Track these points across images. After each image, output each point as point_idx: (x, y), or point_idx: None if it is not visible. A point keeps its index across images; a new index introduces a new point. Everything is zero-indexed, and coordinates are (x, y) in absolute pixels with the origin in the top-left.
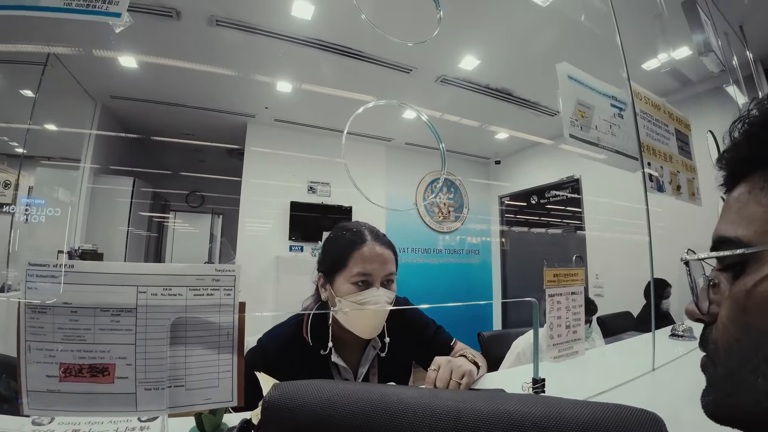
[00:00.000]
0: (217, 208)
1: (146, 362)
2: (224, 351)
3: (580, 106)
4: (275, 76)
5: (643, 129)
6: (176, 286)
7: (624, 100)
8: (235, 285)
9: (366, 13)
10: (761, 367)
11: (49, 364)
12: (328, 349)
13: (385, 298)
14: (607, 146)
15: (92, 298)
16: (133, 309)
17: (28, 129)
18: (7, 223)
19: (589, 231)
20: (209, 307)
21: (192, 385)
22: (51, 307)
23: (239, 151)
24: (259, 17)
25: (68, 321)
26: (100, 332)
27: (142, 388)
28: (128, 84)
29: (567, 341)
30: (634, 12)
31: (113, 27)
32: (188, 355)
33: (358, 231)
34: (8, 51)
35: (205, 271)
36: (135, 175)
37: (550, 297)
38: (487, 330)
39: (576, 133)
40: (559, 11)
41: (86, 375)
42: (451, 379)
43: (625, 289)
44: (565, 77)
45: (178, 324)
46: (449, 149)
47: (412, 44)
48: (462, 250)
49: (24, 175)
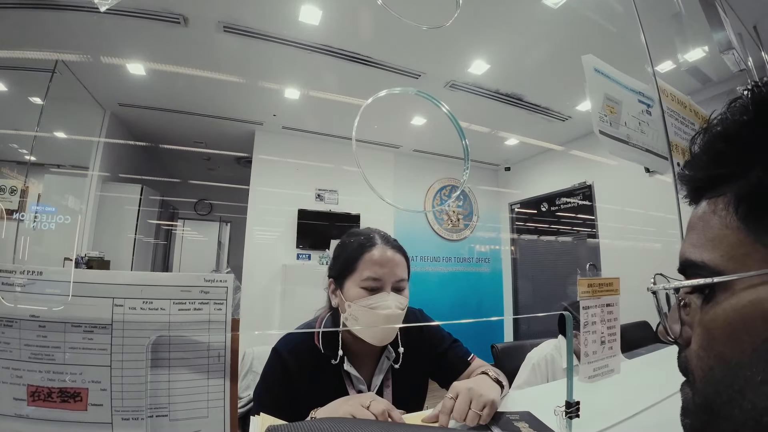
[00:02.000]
0: (225, 216)
1: (123, 387)
2: (214, 375)
3: (608, 101)
4: (283, 82)
5: (671, 127)
6: (158, 299)
7: (651, 96)
8: (227, 298)
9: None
10: (736, 398)
11: (16, 385)
12: (338, 358)
13: (395, 304)
14: (637, 144)
15: (62, 311)
16: (108, 325)
17: (36, 136)
18: (13, 230)
19: (602, 238)
20: (197, 324)
21: (176, 416)
22: (17, 320)
23: (247, 159)
24: (267, 23)
25: (36, 337)
26: (71, 351)
27: (119, 417)
28: (136, 91)
29: (602, 358)
30: (650, 11)
31: (99, 5)
32: (172, 380)
33: (368, 236)
34: (17, 57)
35: (191, 281)
36: (143, 183)
37: (585, 309)
38: (499, 341)
39: (606, 130)
40: (571, 13)
41: (56, 400)
42: (471, 410)
43: (640, 298)
44: (592, 70)
45: (159, 343)
46: (458, 156)
47: (426, 28)
48: (472, 259)
49: (33, 183)
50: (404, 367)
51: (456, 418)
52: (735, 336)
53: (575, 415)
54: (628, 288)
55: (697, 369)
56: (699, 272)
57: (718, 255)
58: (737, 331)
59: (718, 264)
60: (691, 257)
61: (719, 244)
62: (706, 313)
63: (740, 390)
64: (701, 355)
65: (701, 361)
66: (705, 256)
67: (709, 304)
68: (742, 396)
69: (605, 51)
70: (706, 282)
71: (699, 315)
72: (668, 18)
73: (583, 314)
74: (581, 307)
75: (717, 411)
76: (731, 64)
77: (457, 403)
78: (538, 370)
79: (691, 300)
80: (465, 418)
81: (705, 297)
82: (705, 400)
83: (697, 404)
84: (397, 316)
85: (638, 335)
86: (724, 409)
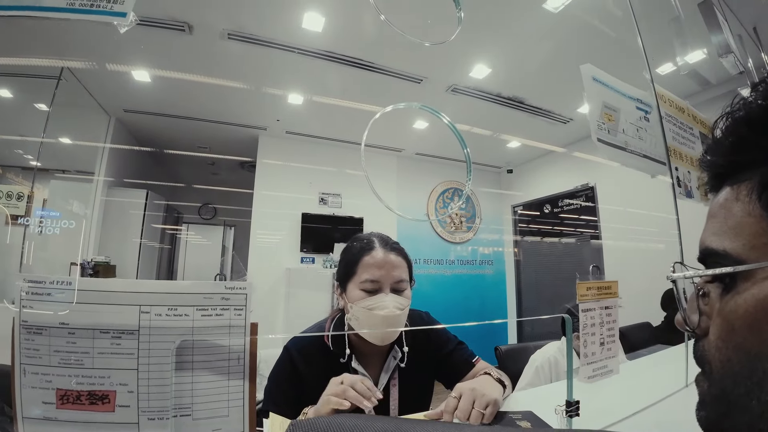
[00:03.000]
0: (229, 220)
1: (149, 389)
2: (234, 377)
3: (606, 109)
4: (287, 88)
5: (669, 132)
6: (182, 306)
7: (649, 103)
8: (246, 304)
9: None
10: (754, 390)
11: (46, 389)
12: (346, 357)
13: (393, 304)
14: (635, 151)
15: (91, 318)
16: (135, 331)
17: (42, 142)
18: (19, 235)
19: (605, 240)
20: (218, 329)
21: (199, 415)
22: (47, 327)
23: (251, 164)
24: (271, 30)
25: (65, 343)
26: (100, 356)
27: (145, 417)
28: (141, 98)
29: (601, 359)
30: (649, 15)
31: (118, 27)
32: (195, 381)
33: (368, 240)
34: (23, 64)
35: (213, 288)
36: (148, 188)
37: (584, 312)
38: (503, 343)
39: (604, 137)
40: (571, 17)
41: (85, 402)
42: (474, 409)
43: (643, 299)
44: (590, 79)
45: (184, 347)
46: (460, 159)
47: (429, 44)
48: (475, 261)
49: (38, 188)
50: (410, 367)
51: (459, 417)
52: (755, 326)
53: (575, 414)
54: (632, 288)
55: (715, 360)
56: (720, 261)
57: (740, 244)
58: (758, 321)
59: (740, 253)
60: (711, 246)
61: (741, 233)
62: (726, 303)
63: (759, 382)
64: (719, 346)
65: (719, 351)
66: (726, 245)
67: (729, 294)
68: (760, 388)
69: (605, 54)
70: (727, 271)
71: (719, 305)
72: (668, 21)
73: (582, 317)
74: (580, 310)
75: (734, 402)
76: (730, 67)
77: (460, 403)
78: (542, 372)
79: (710, 290)
80: (468, 417)
81: (725, 286)
82: (722, 391)
83: (714, 395)
84: (396, 316)
85: (640, 336)
86: (742, 400)
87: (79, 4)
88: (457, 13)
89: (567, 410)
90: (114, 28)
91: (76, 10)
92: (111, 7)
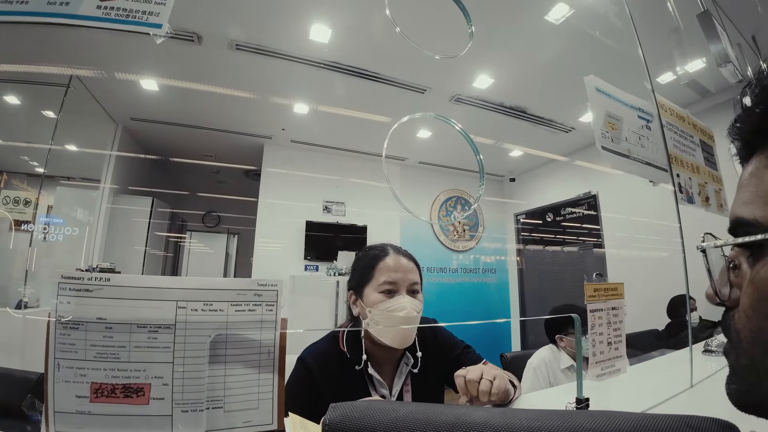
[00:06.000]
0: (233, 228)
1: (184, 382)
2: (265, 370)
3: (610, 119)
4: (292, 98)
5: (671, 140)
6: (217, 301)
7: (650, 112)
8: (277, 300)
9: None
10: None
11: (80, 383)
12: (362, 363)
13: (411, 305)
14: (638, 158)
15: (129, 313)
16: (171, 325)
17: (50, 149)
18: (24, 241)
19: (608, 248)
20: (251, 324)
21: (231, 407)
22: (84, 322)
23: (256, 172)
24: (278, 41)
25: (102, 338)
26: (136, 350)
27: (178, 409)
28: (149, 106)
29: (609, 358)
30: (649, 26)
31: (154, 38)
32: (228, 374)
33: (381, 247)
34: (32, 72)
35: (247, 285)
36: (153, 196)
37: (591, 312)
38: (507, 351)
39: (608, 145)
40: (572, 29)
41: (119, 395)
42: (483, 378)
43: (648, 306)
44: (594, 90)
45: (218, 341)
46: (463, 168)
47: (439, 57)
48: (478, 269)
49: (44, 194)
50: (422, 373)
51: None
52: None
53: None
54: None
55: (745, 329)
56: (750, 230)
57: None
58: None
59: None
60: (742, 215)
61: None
62: (757, 272)
63: None
64: (750, 315)
65: (750, 321)
66: (757, 213)
67: (760, 263)
68: None
69: (607, 64)
70: (757, 239)
71: (750, 274)
72: (667, 32)
73: (590, 317)
74: (588, 310)
75: (765, 372)
76: (729, 75)
77: (469, 374)
78: (540, 373)
79: (741, 261)
80: (477, 389)
81: (756, 255)
82: (752, 360)
83: (744, 366)
84: (414, 318)
85: (647, 341)
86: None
87: (115, 14)
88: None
89: (577, 407)
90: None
91: (112, 19)
92: (146, 18)
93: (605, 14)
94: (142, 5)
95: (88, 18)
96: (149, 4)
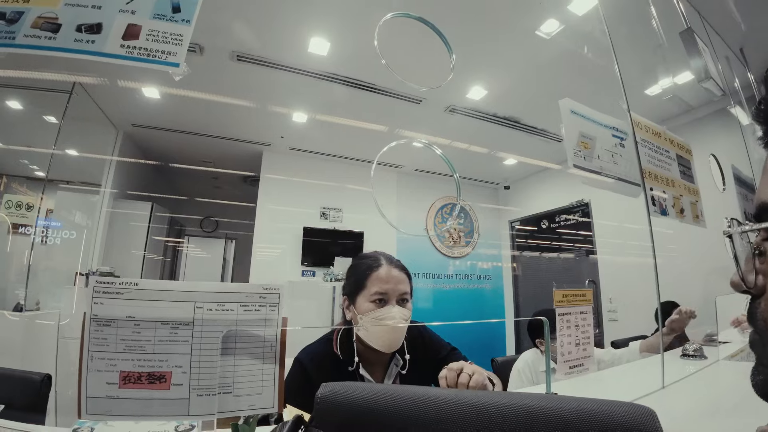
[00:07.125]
0: (231, 234)
1: (200, 370)
2: (267, 361)
3: (583, 138)
4: (291, 107)
5: (644, 156)
6: (229, 303)
7: (625, 130)
8: (279, 302)
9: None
10: None
11: (110, 372)
12: (354, 365)
13: (400, 315)
14: (609, 174)
15: (154, 312)
16: (190, 322)
17: (52, 154)
18: (24, 244)
19: (600, 255)
20: (256, 322)
21: (239, 392)
22: (116, 320)
23: (254, 178)
24: (278, 53)
25: (131, 333)
26: (160, 343)
27: (195, 394)
28: (150, 113)
29: (577, 358)
30: (636, 42)
31: (173, 75)
32: (236, 364)
33: (375, 257)
34: (36, 78)
35: (253, 289)
36: (153, 201)
37: (560, 316)
38: (501, 356)
39: (580, 163)
40: (563, 44)
41: (144, 382)
42: (463, 372)
43: (639, 312)
44: (568, 112)
45: (228, 336)
46: (459, 175)
47: (425, 89)
48: (473, 276)
49: (44, 198)
50: (411, 374)
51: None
52: None
53: None
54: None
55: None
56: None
57: None
58: None
59: None
60: (767, 199)
61: None
62: None
63: None
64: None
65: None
66: None
67: None
68: None
69: (595, 77)
70: None
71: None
72: (653, 48)
73: (558, 320)
74: (557, 314)
75: None
76: (713, 89)
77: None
78: (524, 374)
79: (766, 248)
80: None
81: None
82: None
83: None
84: (401, 327)
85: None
86: None
87: (137, 53)
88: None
89: None
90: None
91: (135, 58)
92: (165, 57)
93: (591, 32)
94: (161, 45)
95: (112, 56)
96: (168, 44)
